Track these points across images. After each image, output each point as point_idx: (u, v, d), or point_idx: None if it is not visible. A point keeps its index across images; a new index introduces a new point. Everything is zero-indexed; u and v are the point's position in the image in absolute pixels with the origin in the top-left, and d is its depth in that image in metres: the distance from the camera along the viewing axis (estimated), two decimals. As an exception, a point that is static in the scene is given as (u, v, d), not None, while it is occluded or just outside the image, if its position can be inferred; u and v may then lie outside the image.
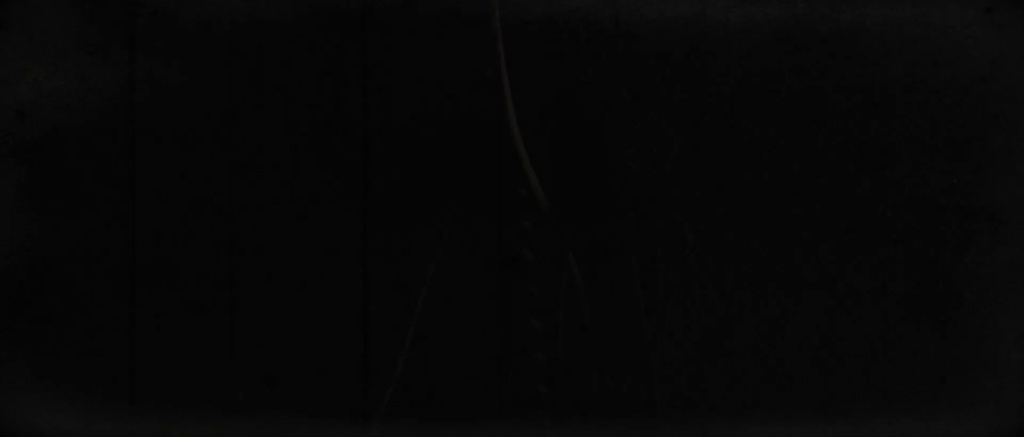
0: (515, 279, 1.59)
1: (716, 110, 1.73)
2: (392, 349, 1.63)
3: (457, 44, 1.69)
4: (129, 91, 1.73)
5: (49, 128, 1.74)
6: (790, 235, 1.73)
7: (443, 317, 1.67)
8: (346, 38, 1.73)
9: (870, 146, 1.72)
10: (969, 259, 1.73)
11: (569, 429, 1.66)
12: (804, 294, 1.73)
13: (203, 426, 1.73)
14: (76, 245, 1.74)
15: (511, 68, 1.60)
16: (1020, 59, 1.71)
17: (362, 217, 1.73)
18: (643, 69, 1.72)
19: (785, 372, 1.73)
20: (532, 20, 1.67)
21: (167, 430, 1.73)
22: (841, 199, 1.72)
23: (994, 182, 1.72)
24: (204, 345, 1.74)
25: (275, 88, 1.74)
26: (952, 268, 1.73)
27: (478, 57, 1.60)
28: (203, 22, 1.73)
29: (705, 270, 1.73)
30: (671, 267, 1.72)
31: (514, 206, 1.64)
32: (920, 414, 1.73)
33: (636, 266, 1.64)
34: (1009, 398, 1.72)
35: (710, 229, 1.73)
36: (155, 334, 1.74)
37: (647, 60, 1.72)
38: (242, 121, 1.74)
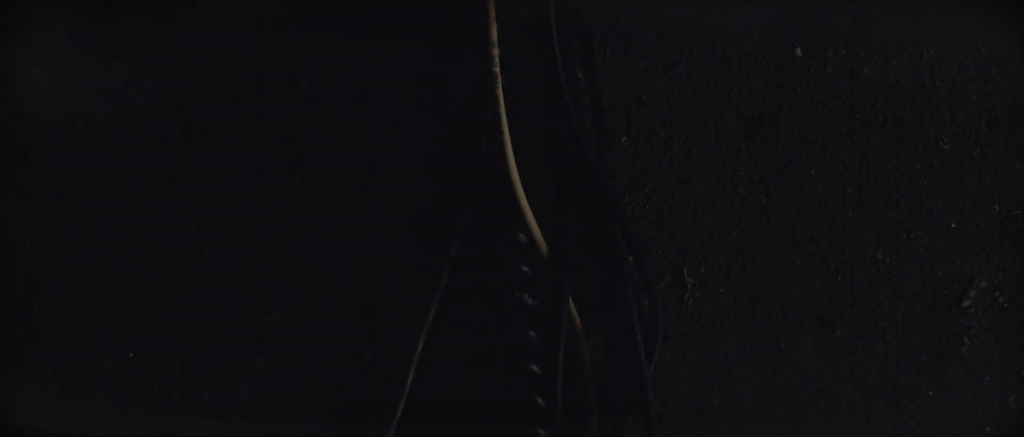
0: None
1: (714, 138, 1.72)
2: (390, 393, 1.64)
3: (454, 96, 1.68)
4: (129, 91, 1.73)
5: (49, 128, 1.73)
6: (789, 277, 1.73)
7: (442, 361, 1.67)
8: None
9: (872, 154, 1.71)
10: (970, 301, 1.73)
11: (568, 475, 1.67)
12: (803, 337, 1.74)
13: (203, 426, 1.75)
14: (76, 245, 1.74)
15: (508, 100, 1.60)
16: (1020, 59, 1.70)
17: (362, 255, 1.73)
18: (640, 104, 1.72)
19: (785, 415, 1.74)
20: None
21: (167, 430, 1.75)
22: (842, 230, 1.72)
23: (994, 187, 1.72)
24: (204, 345, 1.75)
25: (275, 94, 1.73)
26: (956, 292, 1.73)
27: (477, 104, 1.59)
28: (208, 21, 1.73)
29: (705, 314, 1.73)
30: (670, 311, 1.73)
31: (514, 252, 1.65)
32: (920, 416, 1.74)
33: (635, 310, 1.65)
34: (1009, 398, 1.73)
35: (709, 273, 1.73)
36: (155, 334, 1.75)
37: (644, 94, 1.72)
38: (241, 123, 1.73)
